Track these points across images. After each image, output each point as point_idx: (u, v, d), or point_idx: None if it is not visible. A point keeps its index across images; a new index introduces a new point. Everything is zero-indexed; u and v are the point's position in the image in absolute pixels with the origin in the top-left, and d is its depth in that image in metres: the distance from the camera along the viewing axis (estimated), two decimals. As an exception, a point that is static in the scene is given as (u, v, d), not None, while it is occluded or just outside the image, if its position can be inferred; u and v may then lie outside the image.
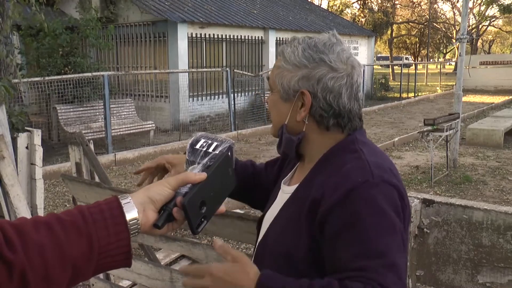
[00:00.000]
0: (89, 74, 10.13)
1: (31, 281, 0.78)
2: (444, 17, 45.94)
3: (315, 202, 1.13)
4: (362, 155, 1.17)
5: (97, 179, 3.22)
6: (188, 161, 1.05)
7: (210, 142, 1.06)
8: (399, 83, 22.19)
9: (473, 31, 38.96)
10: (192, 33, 13.55)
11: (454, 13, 43.21)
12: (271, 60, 16.02)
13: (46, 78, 9.27)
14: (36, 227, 0.82)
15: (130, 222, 0.88)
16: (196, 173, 0.97)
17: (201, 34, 13.87)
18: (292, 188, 1.28)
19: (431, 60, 46.21)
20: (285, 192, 1.31)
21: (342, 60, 1.19)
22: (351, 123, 1.22)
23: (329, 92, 1.18)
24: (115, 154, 8.97)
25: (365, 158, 1.16)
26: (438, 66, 32.57)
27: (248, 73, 14.52)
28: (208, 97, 14.10)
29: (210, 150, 1.04)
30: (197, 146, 1.06)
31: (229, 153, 1.05)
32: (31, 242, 0.79)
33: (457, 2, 40.50)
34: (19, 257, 0.77)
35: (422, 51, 43.53)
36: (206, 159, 1.03)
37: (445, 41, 43.19)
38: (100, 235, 0.84)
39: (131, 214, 0.89)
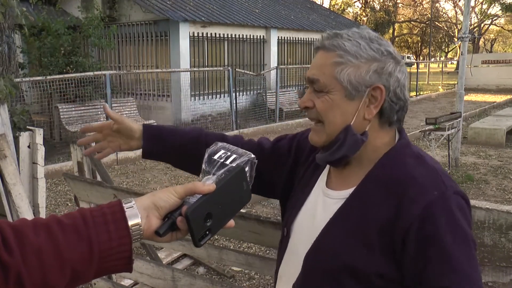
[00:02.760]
0: (91, 73, 10.14)
1: (27, 284, 0.77)
2: (446, 16, 45.93)
3: (390, 217, 1.07)
4: (426, 161, 1.14)
5: (99, 178, 3.22)
6: (203, 170, 1.02)
7: (229, 154, 1.03)
8: (401, 82, 22.13)
9: (475, 30, 38.92)
10: (194, 32, 13.55)
11: (456, 12, 43.18)
12: (273, 59, 16.02)
13: (48, 77, 9.27)
14: (36, 230, 0.81)
15: (133, 228, 0.86)
16: (205, 184, 0.93)
17: (203, 33, 13.87)
18: (341, 193, 1.19)
19: (433, 59, 46.18)
20: (330, 196, 1.21)
21: (396, 52, 1.19)
22: (404, 117, 1.21)
23: (399, 85, 1.15)
24: (116, 153, 8.97)
25: (432, 165, 1.14)
26: (440, 65, 32.49)
27: (250, 72, 14.52)
28: (210, 96, 14.10)
29: (228, 162, 1.01)
30: (215, 157, 1.03)
31: (247, 168, 1.01)
32: (29, 244, 0.79)
33: (459, 1, 40.48)
34: (16, 260, 0.76)
35: (424, 50, 43.53)
36: (222, 170, 0.99)
37: (447, 40, 43.17)
38: (101, 239, 0.83)
39: (134, 219, 0.87)
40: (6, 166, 3.06)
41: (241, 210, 1.11)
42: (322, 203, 1.22)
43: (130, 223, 0.86)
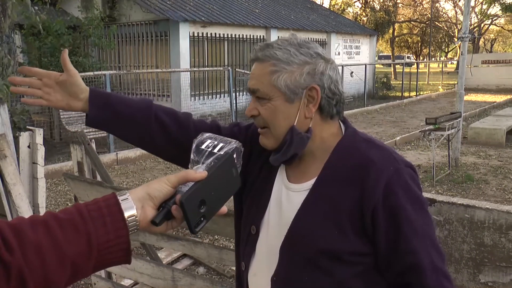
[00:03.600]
0: (91, 73, 10.14)
1: (29, 281, 0.78)
2: (446, 15, 45.92)
3: (356, 199, 1.18)
4: (376, 143, 1.27)
5: (99, 178, 3.22)
6: (192, 160, 1.05)
7: (216, 143, 1.06)
8: (401, 82, 22.16)
9: (475, 29, 38.91)
10: (194, 32, 13.55)
11: (456, 12, 43.18)
12: (273, 59, 16.00)
13: (48, 77, 9.26)
14: (34, 227, 0.81)
15: (129, 219, 0.87)
16: (197, 171, 0.97)
17: (203, 33, 13.87)
18: (304, 185, 1.27)
19: (433, 59, 46.21)
20: (293, 189, 1.28)
21: (325, 52, 1.28)
22: (343, 108, 1.31)
23: (332, 81, 1.24)
24: (116, 153, 8.98)
25: (382, 145, 1.27)
26: (440, 65, 32.50)
27: (250, 72, 14.50)
28: (210, 96, 14.11)
29: (215, 151, 1.04)
30: (203, 147, 1.05)
31: (234, 154, 1.04)
32: (28, 242, 0.79)
33: (459, 0, 40.48)
34: (17, 258, 0.77)
35: (424, 50, 43.52)
36: (210, 159, 1.02)
37: (447, 40, 43.15)
38: (98, 233, 0.84)
39: (129, 211, 0.88)
40: (6, 166, 3.06)
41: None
42: (286, 197, 1.30)
43: (126, 215, 0.87)
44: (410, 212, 1.16)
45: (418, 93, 22.44)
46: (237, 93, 13.24)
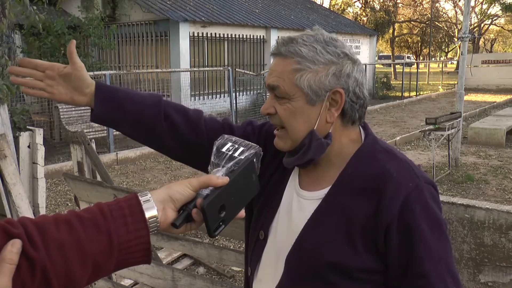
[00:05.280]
0: (91, 73, 10.12)
1: (53, 278, 0.79)
2: (446, 15, 45.92)
3: (371, 214, 1.11)
4: (396, 155, 1.19)
5: (99, 178, 3.22)
6: (212, 163, 1.05)
7: (236, 146, 1.06)
8: (401, 82, 22.17)
9: (475, 29, 38.91)
10: (194, 32, 13.55)
11: (456, 12, 43.18)
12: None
13: (48, 77, 9.27)
14: (57, 225, 0.83)
15: (150, 220, 0.88)
16: (219, 177, 0.97)
17: (203, 33, 13.87)
18: (316, 194, 1.20)
19: (433, 59, 46.21)
20: (305, 197, 1.22)
21: (352, 52, 1.19)
22: (365, 113, 1.23)
23: (357, 84, 1.16)
24: (116, 153, 8.98)
25: (402, 158, 1.18)
26: (440, 65, 32.50)
27: (250, 72, 14.52)
28: (210, 96, 14.11)
29: (236, 154, 1.03)
30: (223, 149, 1.05)
31: (254, 159, 1.04)
32: (52, 239, 0.80)
33: (459, 0, 40.48)
34: (41, 254, 0.78)
35: (424, 50, 43.51)
36: (231, 163, 1.02)
37: (447, 40, 43.13)
38: (119, 232, 0.85)
39: (150, 211, 0.88)
40: (6, 166, 3.06)
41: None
42: (297, 204, 1.23)
43: (147, 215, 0.88)
44: (427, 232, 1.09)
45: (418, 93, 22.44)
46: (237, 93, 13.24)
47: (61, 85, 1.25)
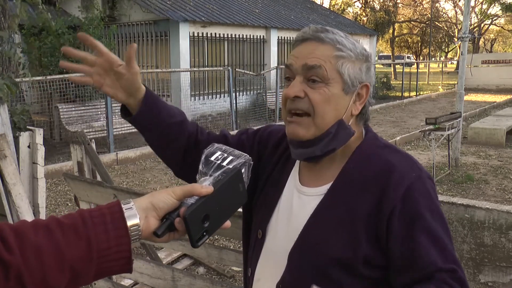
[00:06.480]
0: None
1: (27, 282, 0.78)
2: (446, 15, 45.93)
3: (374, 207, 1.11)
4: (397, 149, 1.21)
5: (98, 178, 3.22)
6: (200, 172, 1.03)
7: (225, 155, 1.04)
8: (401, 82, 22.16)
9: (475, 29, 38.91)
10: (194, 32, 13.55)
11: (456, 12, 43.18)
12: (273, 59, 16.02)
13: (48, 77, 9.27)
14: (36, 230, 0.82)
15: (131, 228, 0.87)
16: (203, 186, 0.95)
17: (203, 33, 13.87)
18: (318, 190, 1.20)
19: (433, 59, 46.22)
20: (306, 194, 1.22)
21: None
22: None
23: (372, 83, 1.22)
24: (116, 153, 8.98)
25: (404, 152, 1.21)
26: (440, 65, 32.50)
27: (250, 72, 14.52)
28: (210, 96, 14.11)
29: (224, 163, 1.02)
30: (212, 158, 1.03)
31: (243, 169, 1.03)
32: (28, 243, 0.79)
33: (459, 0, 40.48)
34: (16, 258, 0.77)
35: (424, 50, 43.51)
36: (219, 172, 1.00)
37: (447, 40, 43.13)
38: (99, 239, 0.84)
39: (132, 219, 0.88)
40: (6, 166, 3.06)
41: (239, 210, 1.11)
42: (298, 201, 1.23)
43: (129, 223, 0.87)
44: (430, 221, 1.09)
45: (418, 93, 22.43)
46: (237, 93, 13.24)
47: (109, 78, 1.22)
